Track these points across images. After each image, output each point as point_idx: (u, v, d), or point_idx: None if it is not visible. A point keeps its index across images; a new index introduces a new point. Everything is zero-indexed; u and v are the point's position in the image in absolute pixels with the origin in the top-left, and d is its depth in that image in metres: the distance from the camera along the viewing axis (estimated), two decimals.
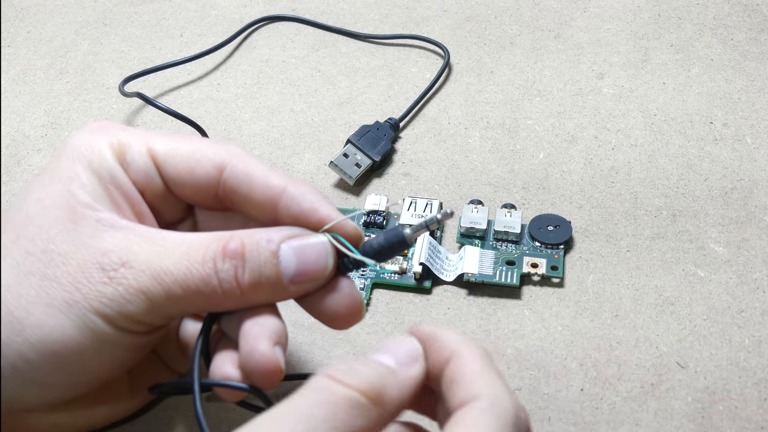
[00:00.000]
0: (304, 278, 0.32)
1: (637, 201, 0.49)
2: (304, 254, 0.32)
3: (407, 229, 0.33)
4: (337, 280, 0.33)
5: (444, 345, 0.30)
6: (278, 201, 0.33)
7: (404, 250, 0.33)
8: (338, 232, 0.33)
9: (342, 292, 0.33)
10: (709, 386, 0.40)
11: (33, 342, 0.31)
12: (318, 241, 0.33)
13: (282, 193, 0.33)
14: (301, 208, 0.33)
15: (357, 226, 0.34)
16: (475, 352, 0.29)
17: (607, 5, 0.65)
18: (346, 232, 0.33)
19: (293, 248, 0.32)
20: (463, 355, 0.29)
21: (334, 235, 0.33)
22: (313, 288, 0.33)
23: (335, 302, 0.33)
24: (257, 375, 0.31)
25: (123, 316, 0.31)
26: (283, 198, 0.33)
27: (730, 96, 0.56)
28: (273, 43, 0.63)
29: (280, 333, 0.32)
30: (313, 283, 0.33)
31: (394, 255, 0.33)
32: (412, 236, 0.33)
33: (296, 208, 0.33)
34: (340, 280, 0.33)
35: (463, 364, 0.29)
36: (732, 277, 0.45)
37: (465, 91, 0.58)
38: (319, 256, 0.32)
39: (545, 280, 0.45)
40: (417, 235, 0.33)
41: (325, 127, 0.55)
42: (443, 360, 0.30)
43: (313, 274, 0.32)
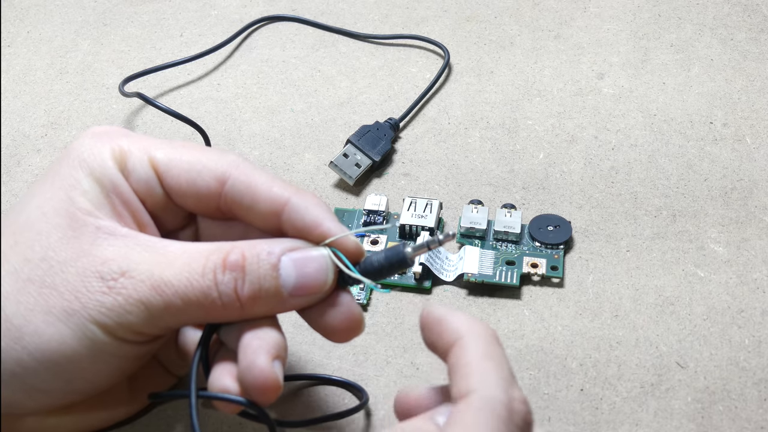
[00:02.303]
0: (303, 291, 0.32)
1: (637, 201, 0.49)
2: (304, 267, 0.32)
3: (408, 248, 0.33)
4: (337, 294, 0.33)
5: (449, 329, 0.30)
6: (281, 212, 0.33)
7: (404, 269, 0.33)
8: (340, 248, 0.33)
9: (341, 307, 0.33)
10: (709, 386, 0.40)
11: (31, 350, 0.31)
12: (318, 255, 0.32)
13: (286, 204, 0.33)
14: (305, 221, 0.33)
15: (358, 242, 0.34)
16: (477, 338, 0.29)
17: (607, 5, 0.65)
18: (348, 247, 0.33)
19: (293, 261, 0.32)
20: (464, 342, 0.29)
21: (335, 250, 0.33)
22: (313, 301, 0.33)
23: (334, 317, 0.33)
24: (255, 390, 0.31)
25: (122, 326, 0.31)
26: (287, 210, 0.33)
27: (730, 96, 0.56)
28: (273, 43, 0.63)
29: (280, 347, 0.32)
30: (313, 296, 0.32)
31: (393, 273, 0.33)
32: (412, 255, 0.33)
33: (299, 221, 0.33)
34: (339, 294, 0.33)
35: (462, 354, 0.29)
36: (732, 277, 0.45)
37: (465, 91, 0.58)
38: (320, 269, 0.32)
39: (545, 280, 0.45)
40: (417, 254, 0.33)
41: (325, 127, 0.55)
42: (448, 346, 0.29)
43: (312, 288, 0.32)
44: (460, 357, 0.29)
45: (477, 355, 0.29)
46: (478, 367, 0.28)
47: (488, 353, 0.29)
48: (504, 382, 0.28)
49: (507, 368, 0.29)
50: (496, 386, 0.28)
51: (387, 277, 0.35)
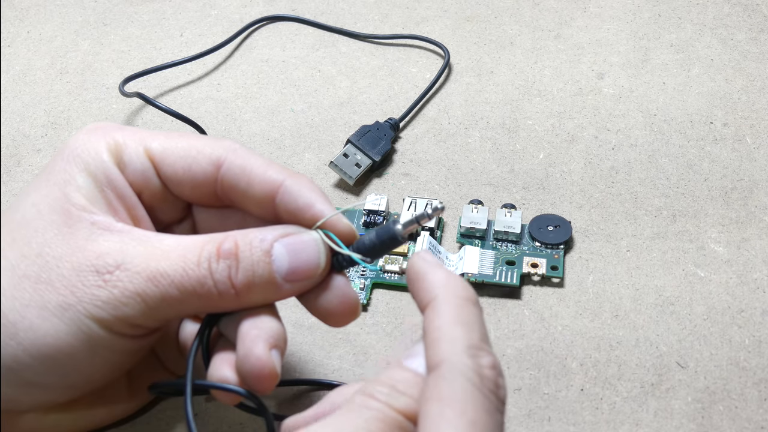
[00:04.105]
0: (297, 276, 0.32)
1: (637, 201, 0.49)
2: (296, 252, 0.32)
3: (398, 225, 0.33)
4: (332, 277, 0.33)
5: (426, 287, 0.29)
6: (276, 195, 0.33)
7: (397, 247, 0.33)
8: (331, 229, 0.33)
9: (336, 290, 0.33)
10: (709, 386, 0.40)
11: (27, 345, 0.31)
12: (309, 238, 0.33)
13: (280, 186, 0.33)
14: (297, 204, 0.33)
15: (350, 223, 0.34)
16: (450, 301, 0.29)
17: (607, 5, 0.65)
18: (339, 229, 0.33)
19: (285, 246, 0.32)
20: (436, 304, 0.29)
21: (326, 232, 0.33)
22: (309, 286, 0.33)
23: (329, 300, 0.33)
24: (252, 379, 0.31)
25: (118, 319, 0.31)
26: (281, 193, 0.33)
27: (730, 96, 0.56)
28: (273, 43, 0.63)
29: (278, 336, 0.32)
30: (308, 281, 0.33)
31: (386, 252, 0.33)
32: (403, 232, 0.33)
33: (293, 204, 0.33)
34: (334, 277, 0.33)
35: (434, 317, 0.28)
36: (732, 277, 0.45)
37: (465, 91, 0.58)
38: (311, 253, 0.32)
39: (545, 280, 0.45)
40: (408, 231, 0.33)
41: (325, 127, 0.55)
42: (424, 304, 0.29)
43: (306, 272, 0.32)
44: (432, 320, 0.29)
45: (447, 320, 0.28)
46: (447, 333, 0.28)
47: (459, 317, 0.28)
48: (473, 349, 0.28)
49: (477, 333, 0.28)
50: (463, 353, 0.27)
51: (381, 256, 0.35)
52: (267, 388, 0.31)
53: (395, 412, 0.27)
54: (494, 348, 0.42)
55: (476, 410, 0.26)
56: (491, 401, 0.27)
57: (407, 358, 0.29)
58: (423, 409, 0.26)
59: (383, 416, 0.27)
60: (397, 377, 0.28)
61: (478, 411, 0.26)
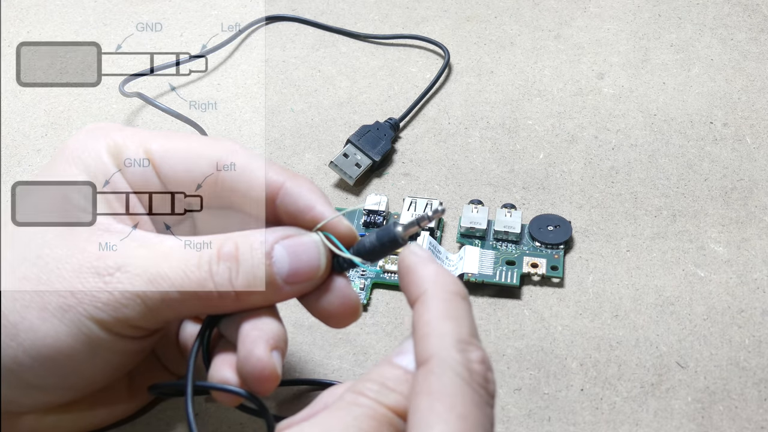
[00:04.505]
0: (297, 278, 0.32)
1: (637, 201, 0.49)
2: (296, 254, 0.32)
3: (399, 227, 0.32)
4: (332, 279, 0.33)
5: (416, 282, 0.29)
6: (276, 198, 0.33)
7: (397, 249, 0.33)
8: (331, 231, 0.33)
9: (336, 292, 0.33)
10: (709, 386, 0.40)
11: (27, 347, 0.31)
12: (309, 241, 0.32)
13: (280, 188, 0.33)
14: (298, 206, 0.33)
15: (350, 225, 0.34)
16: (439, 295, 0.29)
17: (607, 5, 0.65)
18: (340, 231, 0.33)
19: (286, 248, 0.32)
20: (425, 299, 0.29)
21: (327, 234, 0.33)
22: (309, 288, 0.33)
23: (330, 301, 0.33)
24: (253, 380, 0.31)
25: (118, 321, 0.31)
26: (281, 195, 0.33)
27: (730, 96, 0.56)
28: (273, 43, 0.63)
29: (279, 337, 0.32)
30: (309, 283, 0.33)
31: (387, 254, 0.33)
32: (404, 234, 0.32)
33: (293, 206, 0.33)
34: (334, 279, 0.33)
35: (423, 311, 0.28)
36: (732, 277, 0.45)
37: (465, 91, 0.58)
38: (312, 255, 0.32)
39: (545, 280, 0.45)
40: (409, 233, 0.32)
41: (325, 127, 0.55)
42: (413, 298, 0.29)
43: (306, 274, 0.32)
44: (421, 314, 0.28)
45: (437, 314, 0.28)
46: (436, 327, 0.28)
47: (449, 312, 0.28)
48: (462, 344, 0.28)
49: (467, 327, 0.28)
50: (453, 348, 0.27)
51: (381, 258, 0.34)
52: (268, 390, 0.31)
53: (385, 408, 0.27)
54: (494, 348, 0.42)
55: (466, 404, 0.26)
56: (481, 395, 0.27)
57: (397, 355, 0.29)
58: (413, 404, 0.26)
59: (373, 413, 0.27)
60: (386, 374, 0.28)
61: (467, 405, 0.26)
